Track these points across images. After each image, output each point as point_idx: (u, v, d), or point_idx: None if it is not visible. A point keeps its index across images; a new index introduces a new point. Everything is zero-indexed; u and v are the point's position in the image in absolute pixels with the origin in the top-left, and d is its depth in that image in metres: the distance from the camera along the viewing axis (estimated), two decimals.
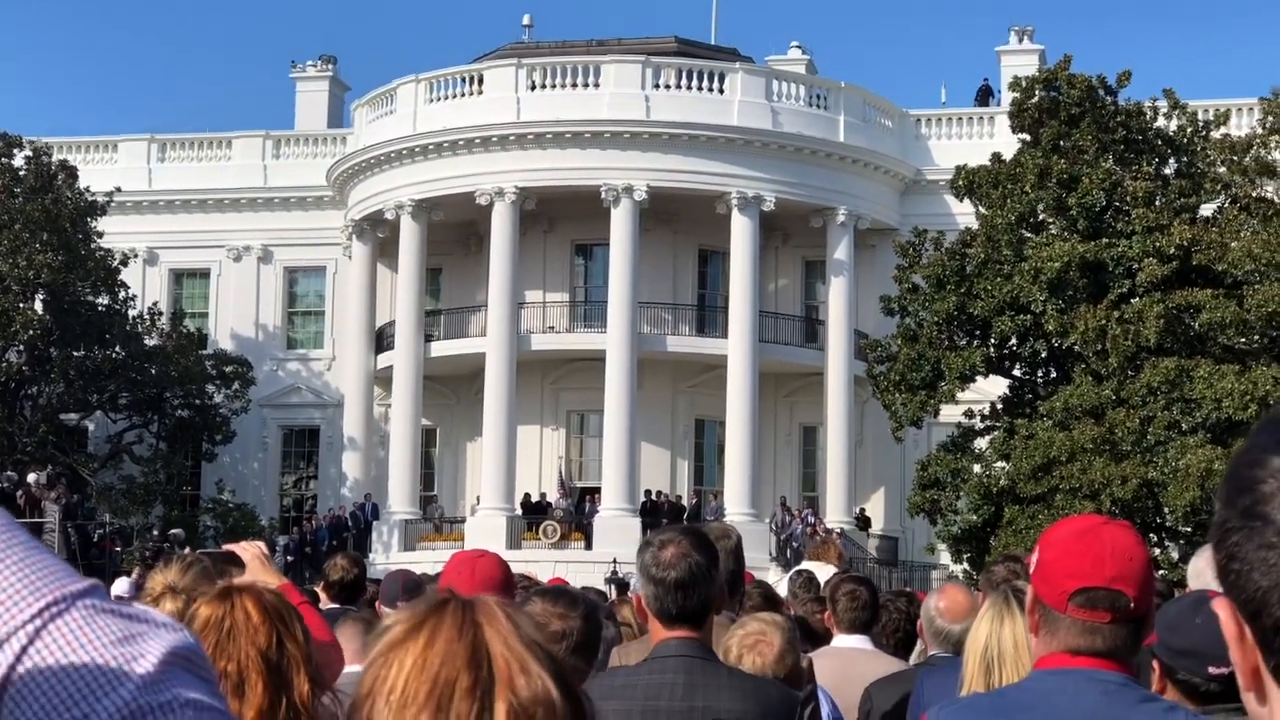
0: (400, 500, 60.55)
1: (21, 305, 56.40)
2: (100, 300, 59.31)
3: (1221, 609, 1.60)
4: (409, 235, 61.67)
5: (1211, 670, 4.58)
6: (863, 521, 60.59)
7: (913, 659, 9.39)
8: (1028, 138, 49.93)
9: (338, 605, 10.95)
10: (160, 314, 61.79)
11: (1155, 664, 4.77)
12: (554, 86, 60.87)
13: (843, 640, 8.84)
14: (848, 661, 8.39)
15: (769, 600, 9.23)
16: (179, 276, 68.58)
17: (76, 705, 1.51)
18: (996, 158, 50.41)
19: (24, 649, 1.54)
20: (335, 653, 7.08)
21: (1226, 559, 1.57)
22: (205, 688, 1.57)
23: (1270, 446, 1.56)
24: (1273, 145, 47.81)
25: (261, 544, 7.16)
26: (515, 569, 7.42)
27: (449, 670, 1.83)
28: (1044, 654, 4.01)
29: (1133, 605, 3.94)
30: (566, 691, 1.91)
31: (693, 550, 5.36)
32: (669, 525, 8.46)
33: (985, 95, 67.66)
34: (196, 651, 1.60)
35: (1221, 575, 1.58)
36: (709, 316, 62.95)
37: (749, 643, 6.85)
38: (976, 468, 48.31)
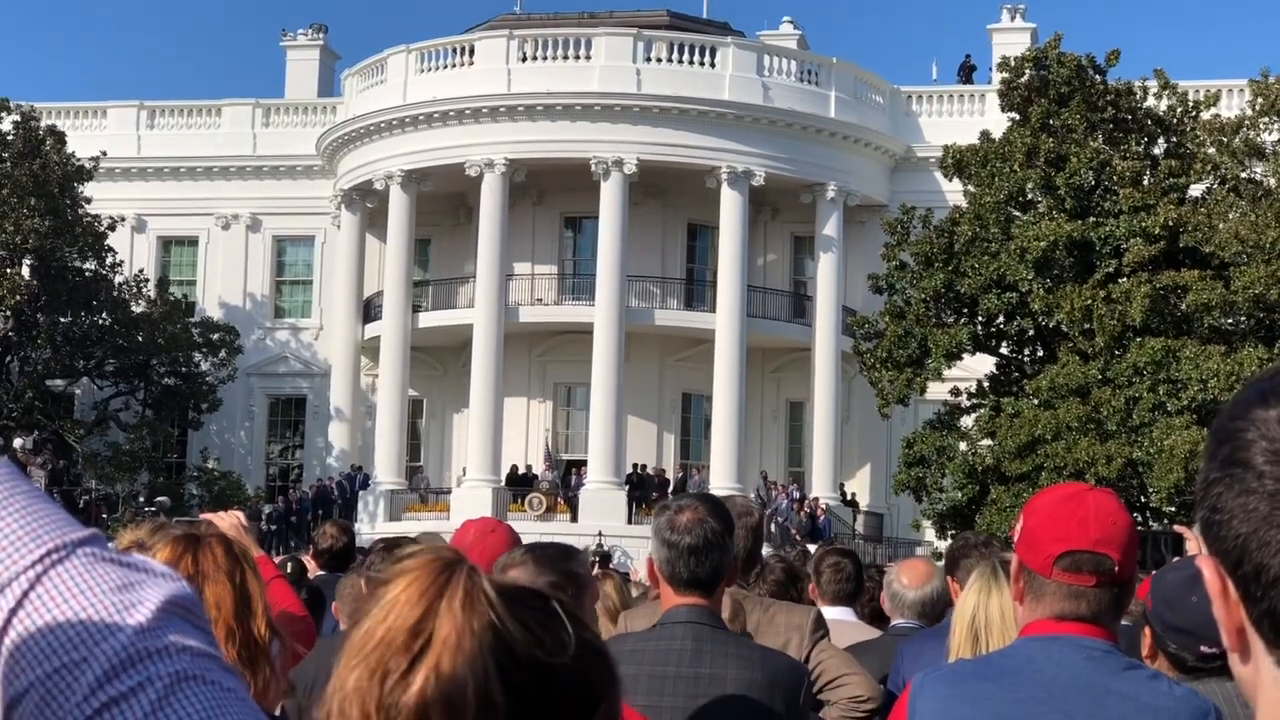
0: (386, 470, 60.54)
1: (9, 270, 56.27)
2: (87, 266, 59.16)
3: (1205, 566, 1.59)
4: (398, 206, 61.59)
5: (1204, 649, 4.60)
6: (848, 499, 60.64)
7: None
8: (1017, 116, 49.90)
9: (327, 573, 10.96)
10: (147, 281, 61.66)
11: (1146, 631, 4.79)
12: (545, 58, 60.77)
13: (827, 612, 8.82)
14: (831, 633, 8.39)
15: (790, 575, 9.06)
16: (167, 244, 68.44)
17: (75, 649, 1.54)
18: (985, 136, 50.37)
19: (25, 594, 1.57)
20: (305, 627, 7.07)
21: (1209, 512, 1.57)
22: (201, 635, 1.60)
23: (1254, 400, 1.56)
24: (1262, 127, 47.81)
25: (240, 514, 7.15)
26: None
27: (398, 626, 1.82)
28: (1029, 620, 4.03)
29: (1117, 569, 3.96)
30: (528, 689, 1.79)
31: (709, 517, 5.32)
32: (687, 492, 8.35)
33: (968, 72, 67.67)
34: (193, 600, 1.62)
35: (1204, 530, 1.58)
36: (697, 290, 62.94)
37: None
38: (962, 445, 48.35)
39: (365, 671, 1.80)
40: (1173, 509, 44.55)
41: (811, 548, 12.05)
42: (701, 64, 60.82)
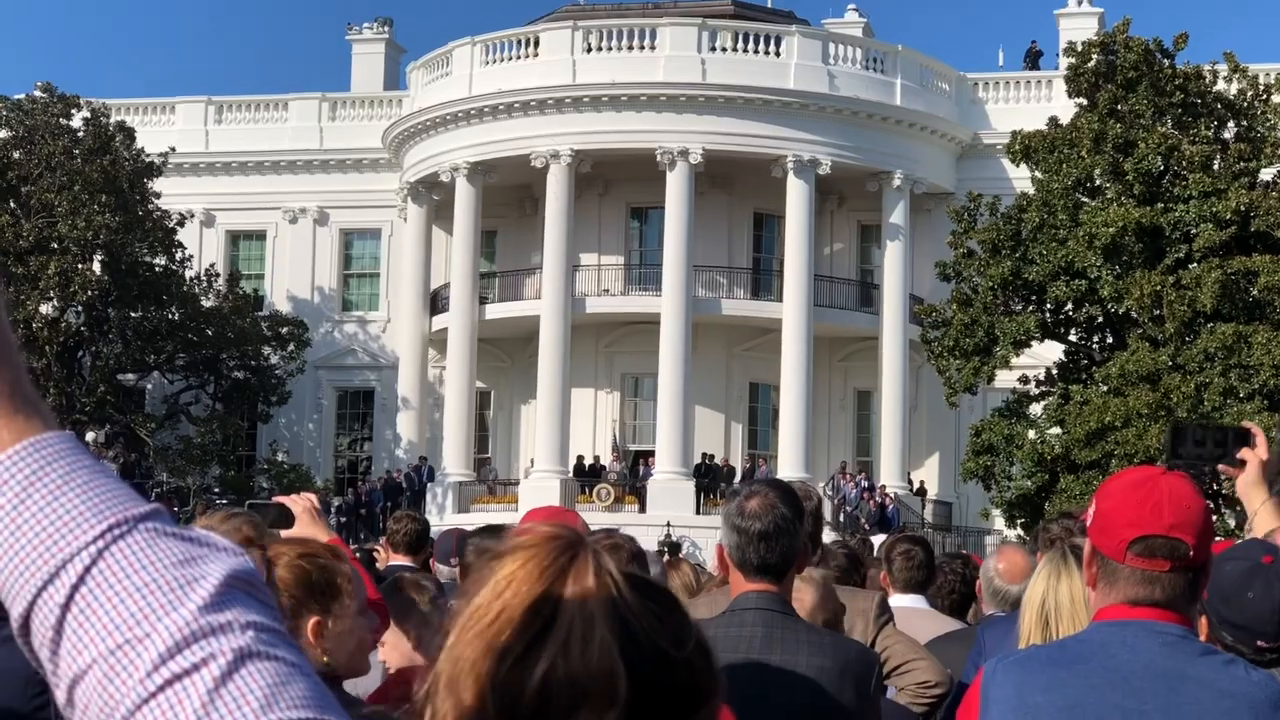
0: (454, 462, 60.71)
1: (80, 266, 56.68)
2: (158, 261, 59.60)
3: None
4: (464, 198, 61.72)
5: (1260, 644, 4.54)
6: (916, 488, 60.42)
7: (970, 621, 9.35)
8: (1084, 102, 49.59)
9: (400, 562, 11.00)
10: (217, 275, 62.07)
11: (1203, 621, 4.73)
12: (610, 49, 60.76)
13: (898, 600, 8.79)
14: (902, 621, 8.35)
15: (852, 561, 9.15)
16: (235, 238, 68.85)
17: (138, 624, 1.53)
18: (1053, 122, 50.10)
19: (87, 569, 1.56)
20: (379, 611, 7.06)
21: None
22: (265, 610, 1.58)
23: None
24: None
25: (313, 496, 7.12)
26: None
27: (516, 604, 1.79)
28: (1102, 606, 3.97)
29: (1192, 553, 3.89)
30: (647, 678, 1.76)
31: (779, 503, 5.31)
32: (756, 478, 8.34)
33: (1035, 57, 67.34)
34: (256, 575, 1.61)
35: None
36: (764, 280, 62.83)
37: None
38: (1031, 434, 48.10)
39: (483, 647, 1.77)
40: None
41: (877, 538, 11.98)
42: (766, 53, 60.68)
